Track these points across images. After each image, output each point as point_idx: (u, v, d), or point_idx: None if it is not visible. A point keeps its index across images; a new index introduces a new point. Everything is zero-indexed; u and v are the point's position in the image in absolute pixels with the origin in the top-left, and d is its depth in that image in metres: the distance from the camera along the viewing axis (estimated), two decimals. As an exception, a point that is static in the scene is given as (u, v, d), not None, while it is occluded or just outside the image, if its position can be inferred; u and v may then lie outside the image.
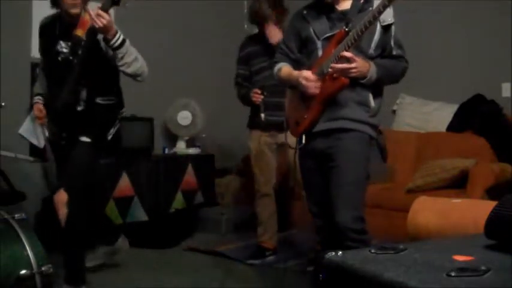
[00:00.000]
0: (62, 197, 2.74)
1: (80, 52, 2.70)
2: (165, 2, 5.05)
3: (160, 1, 5.01)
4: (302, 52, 2.54)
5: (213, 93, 5.30)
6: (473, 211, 2.36)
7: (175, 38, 5.20)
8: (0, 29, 4.03)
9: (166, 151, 5.05)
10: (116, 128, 2.91)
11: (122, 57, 2.66)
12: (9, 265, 1.94)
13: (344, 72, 2.25)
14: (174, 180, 4.71)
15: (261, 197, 3.67)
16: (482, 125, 4.22)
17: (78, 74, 2.71)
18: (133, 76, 2.77)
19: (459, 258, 1.22)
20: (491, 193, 3.47)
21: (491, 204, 1.40)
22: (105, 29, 2.57)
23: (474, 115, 4.31)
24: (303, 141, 2.45)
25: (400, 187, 3.98)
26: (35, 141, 3.58)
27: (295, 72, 2.46)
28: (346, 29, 2.27)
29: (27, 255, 2.00)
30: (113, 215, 4.28)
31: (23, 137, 3.32)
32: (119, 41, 2.63)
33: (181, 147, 5.04)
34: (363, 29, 2.17)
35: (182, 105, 5.00)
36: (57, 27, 2.83)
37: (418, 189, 3.78)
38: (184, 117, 5.00)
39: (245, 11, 5.95)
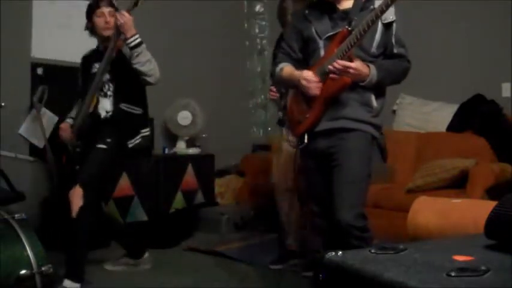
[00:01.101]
0: (78, 191, 2.89)
1: (102, 63, 2.98)
2: (165, 2, 5.04)
3: (160, 1, 5.01)
4: (304, 52, 2.54)
5: (213, 93, 5.30)
6: (473, 211, 2.36)
7: (175, 38, 5.20)
8: (0, 29, 4.03)
9: (166, 151, 5.05)
10: (138, 140, 3.11)
11: (137, 56, 2.94)
12: (9, 265, 1.94)
13: (343, 70, 2.24)
14: (174, 180, 4.71)
15: (282, 193, 3.54)
16: (482, 125, 4.22)
17: (98, 80, 2.98)
18: (146, 75, 3.02)
19: (459, 258, 1.22)
20: (491, 193, 3.47)
21: (491, 204, 1.40)
22: (125, 26, 2.88)
23: (474, 115, 4.31)
24: (305, 140, 2.45)
25: (400, 187, 3.98)
26: (35, 141, 3.59)
27: (297, 73, 2.45)
28: (349, 28, 2.26)
29: (27, 255, 2.00)
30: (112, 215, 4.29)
31: (23, 137, 3.33)
32: (136, 41, 2.93)
33: (181, 147, 5.04)
34: (366, 28, 2.17)
35: (182, 105, 5.00)
36: (94, 55, 3.14)
37: (418, 189, 3.77)
38: (184, 117, 5.00)
39: (245, 11, 5.98)
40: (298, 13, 2.55)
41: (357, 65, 2.24)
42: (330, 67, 2.25)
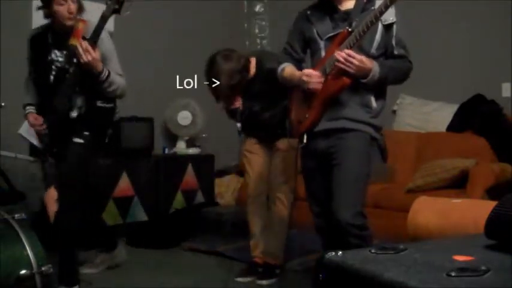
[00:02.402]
0: (52, 194, 2.79)
1: (75, 61, 2.73)
2: (165, 2, 5.05)
3: (160, 1, 5.01)
4: (306, 52, 2.55)
5: (213, 93, 5.30)
6: (473, 211, 2.36)
7: (175, 38, 5.20)
8: (0, 29, 4.02)
9: (166, 151, 5.06)
10: (111, 131, 2.97)
11: (106, 87, 2.80)
12: (9, 265, 1.94)
13: (345, 65, 2.23)
14: (174, 180, 4.71)
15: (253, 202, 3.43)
16: (482, 125, 4.22)
17: (73, 82, 2.77)
18: (114, 97, 2.92)
19: (459, 258, 1.22)
20: (491, 193, 3.47)
21: (491, 204, 1.40)
22: (91, 64, 2.68)
23: (474, 115, 4.31)
24: (304, 140, 2.46)
25: (400, 187, 3.98)
26: (35, 141, 3.57)
27: (298, 72, 2.46)
28: (349, 29, 2.27)
29: (27, 255, 1.99)
30: (112, 215, 4.29)
31: (23, 137, 3.32)
32: (104, 77, 2.76)
33: (181, 147, 5.04)
34: (365, 29, 2.17)
35: (182, 105, 5.01)
36: (50, 37, 2.87)
37: (418, 189, 3.77)
38: (184, 117, 5.00)
39: (245, 11, 5.98)
40: (300, 14, 2.55)
41: (361, 57, 2.24)
42: (337, 56, 2.24)
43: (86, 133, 2.82)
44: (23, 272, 1.95)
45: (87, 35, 2.73)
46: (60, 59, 2.82)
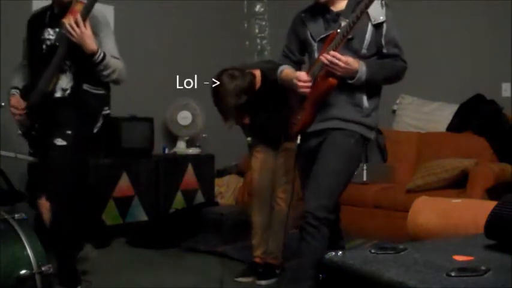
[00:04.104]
0: (45, 204, 2.67)
1: (62, 42, 2.60)
2: (165, 2, 5.05)
3: (160, 1, 5.01)
4: (304, 54, 2.57)
5: (213, 93, 5.30)
6: (473, 211, 2.36)
7: (175, 38, 5.21)
8: (0, 29, 4.02)
9: (166, 151, 5.06)
10: (100, 122, 2.77)
11: (101, 70, 2.63)
12: (9, 265, 1.94)
13: (331, 67, 2.25)
14: (174, 180, 4.71)
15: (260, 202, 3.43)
16: (482, 125, 4.22)
17: (59, 60, 2.62)
18: (110, 82, 2.75)
19: (459, 258, 1.22)
20: (491, 193, 3.47)
21: (491, 204, 1.40)
22: (83, 42, 2.53)
23: (474, 115, 4.31)
24: (298, 141, 2.51)
25: (400, 187, 3.98)
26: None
27: (293, 74, 2.48)
28: (338, 30, 2.28)
29: (27, 255, 1.99)
30: (112, 215, 4.29)
31: (23, 137, 3.31)
32: (99, 59, 2.59)
33: (181, 147, 5.04)
34: (348, 29, 2.20)
35: (182, 105, 5.01)
36: (47, 17, 2.75)
37: (418, 189, 3.78)
38: (184, 117, 5.00)
39: (245, 11, 5.98)
40: (296, 17, 2.57)
41: (347, 58, 2.25)
42: (322, 58, 2.27)
43: (69, 132, 2.63)
44: (23, 272, 1.95)
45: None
46: (51, 37, 2.70)
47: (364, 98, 2.38)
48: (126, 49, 4.79)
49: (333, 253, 1.29)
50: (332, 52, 2.24)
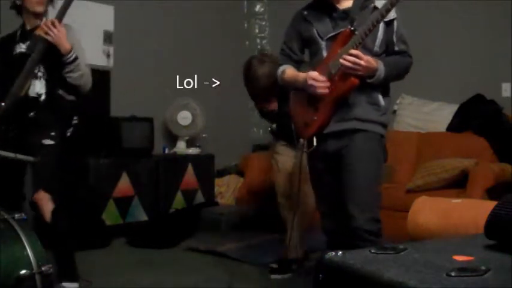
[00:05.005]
0: (44, 195, 2.76)
1: (37, 47, 2.70)
2: (165, 2, 5.05)
3: (161, 1, 5.01)
4: (304, 53, 2.53)
5: (213, 93, 5.30)
6: (473, 211, 2.36)
7: (175, 38, 5.21)
8: (0, 29, 4.01)
9: (166, 151, 5.06)
10: (71, 128, 2.89)
11: (70, 71, 2.74)
12: (9, 265, 1.94)
13: (353, 68, 2.22)
14: (174, 180, 4.71)
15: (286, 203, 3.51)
16: (482, 125, 4.22)
17: (32, 64, 2.73)
18: (75, 86, 2.83)
19: (459, 258, 1.22)
20: (491, 193, 3.47)
21: (491, 204, 1.40)
22: (58, 41, 2.65)
23: (474, 115, 4.31)
24: (314, 143, 2.40)
25: (400, 187, 3.98)
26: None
27: (302, 74, 2.42)
28: (352, 28, 2.26)
29: (27, 255, 1.99)
30: (112, 215, 4.29)
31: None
32: (71, 59, 2.71)
33: (181, 147, 5.04)
34: (371, 28, 2.16)
35: (182, 105, 5.01)
36: (18, 35, 2.87)
37: (418, 189, 3.78)
38: (184, 117, 5.01)
39: (245, 11, 5.98)
40: (297, 14, 2.54)
41: (368, 57, 2.23)
42: (342, 60, 2.22)
43: (53, 133, 2.78)
44: (23, 272, 1.95)
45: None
46: (23, 50, 2.81)
47: (380, 97, 2.36)
48: (126, 49, 4.83)
49: (333, 253, 1.29)
50: (355, 51, 2.20)
